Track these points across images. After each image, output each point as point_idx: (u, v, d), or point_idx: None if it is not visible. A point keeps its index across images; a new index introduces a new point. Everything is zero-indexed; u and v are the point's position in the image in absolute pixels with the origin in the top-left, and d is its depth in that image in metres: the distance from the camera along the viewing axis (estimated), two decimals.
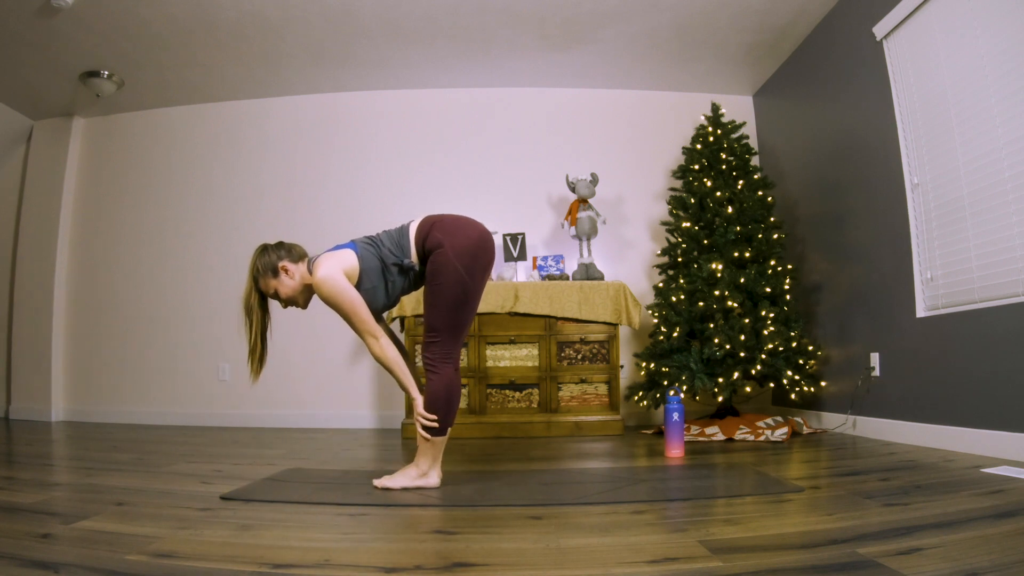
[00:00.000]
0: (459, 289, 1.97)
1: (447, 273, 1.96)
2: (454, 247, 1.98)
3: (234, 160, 4.68)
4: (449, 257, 1.96)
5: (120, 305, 4.64)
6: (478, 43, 4.03)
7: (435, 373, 2.01)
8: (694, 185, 3.76)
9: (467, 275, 1.98)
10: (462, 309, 2.01)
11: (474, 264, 2.00)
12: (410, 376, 2.08)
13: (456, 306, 1.99)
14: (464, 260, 1.98)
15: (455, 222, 2.05)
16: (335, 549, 1.39)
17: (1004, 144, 2.42)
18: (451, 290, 1.97)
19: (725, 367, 3.37)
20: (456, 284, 1.97)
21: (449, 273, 1.96)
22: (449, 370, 2.02)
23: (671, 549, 1.34)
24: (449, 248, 1.97)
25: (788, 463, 2.51)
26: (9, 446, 3.18)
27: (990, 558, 1.19)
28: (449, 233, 2.00)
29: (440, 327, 2.01)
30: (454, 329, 2.02)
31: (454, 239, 1.99)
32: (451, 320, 2.00)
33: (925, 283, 2.89)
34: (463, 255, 1.98)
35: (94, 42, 3.81)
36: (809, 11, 3.63)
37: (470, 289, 2.00)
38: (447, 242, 1.98)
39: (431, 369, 2.02)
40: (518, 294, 3.73)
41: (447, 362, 2.02)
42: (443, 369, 2.01)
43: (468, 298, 2.01)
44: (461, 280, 1.97)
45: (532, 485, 2.13)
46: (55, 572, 1.20)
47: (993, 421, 2.42)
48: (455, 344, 2.04)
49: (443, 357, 2.02)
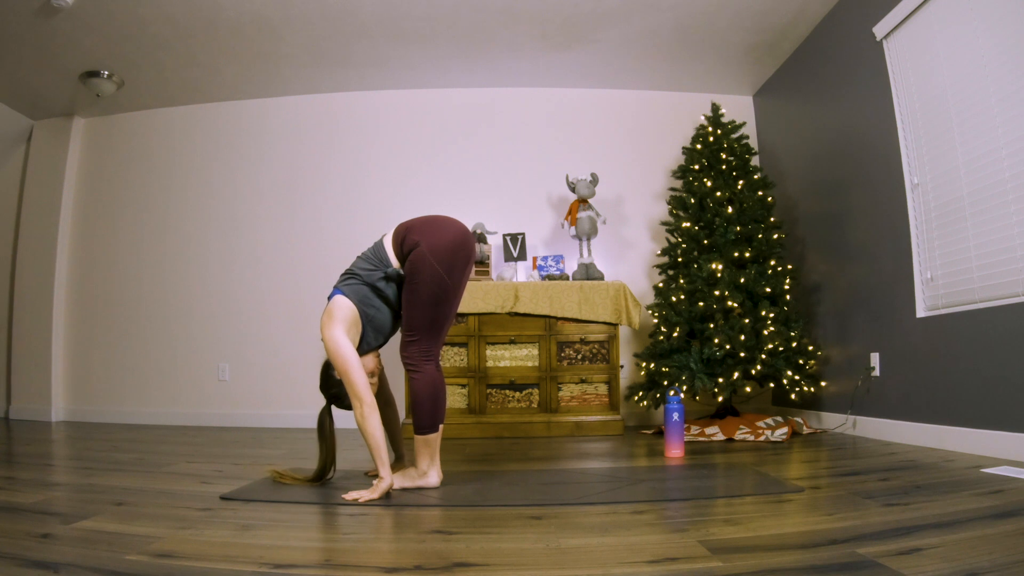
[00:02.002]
0: (436, 286, 1.98)
1: (424, 271, 1.97)
2: (431, 245, 1.99)
3: (234, 160, 4.68)
4: (425, 254, 1.97)
5: (120, 305, 4.64)
6: (478, 43, 4.03)
7: (417, 372, 2.02)
8: (694, 185, 3.76)
9: (445, 272, 1.98)
10: (440, 306, 2.01)
11: (452, 261, 2.01)
12: (383, 452, 1.94)
13: (434, 303, 2.00)
14: (441, 257, 1.98)
15: (431, 222, 2.07)
16: (335, 549, 1.39)
17: (1004, 144, 2.42)
18: (428, 288, 1.98)
19: (725, 367, 3.37)
20: (432, 281, 1.98)
21: (426, 270, 1.97)
22: (431, 368, 2.03)
23: (671, 549, 1.34)
24: (426, 246, 1.98)
25: (788, 463, 2.51)
26: (9, 446, 3.18)
27: (990, 558, 1.19)
28: (425, 232, 2.02)
29: (418, 325, 2.01)
30: (432, 327, 2.02)
31: (431, 237, 2.00)
32: (429, 317, 2.01)
33: (925, 283, 2.88)
34: (440, 252, 1.99)
35: (94, 42, 3.81)
36: (809, 11, 3.63)
37: (448, 286, 2.00)
38: (423, 240, 1.99)
39: (412, 368, 2.03)
40: (518, 294, 3.73)
41: (428, 360, 2.03)
42: (424, 367, 2.02)
43: (446, 296, 2.01)
44: (438, 277, 1.98)
45: (532, 485, 2.13)
46: (55, 572, 1.20)
47: (993, 421, 2.42)
48: (434, 342, 2.05)
49: (423, 355, 2.03)
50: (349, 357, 1.93)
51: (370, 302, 2.04)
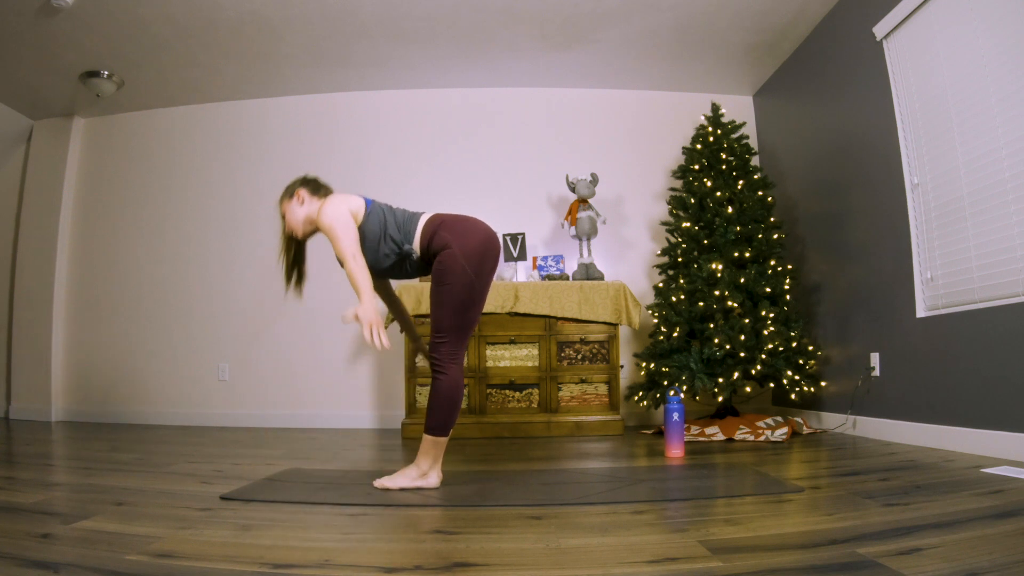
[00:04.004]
0: (467, 290, 1.99)
1: (455, 274, 1.97)
2: (463, 248, 1.99)
3: (234, 160, 4.68)
4: (457, 258, 1.97)
5: (120, 305, 4.64)
6: (478, 43, 4.03)
7: (443, 373, 2.02)
8: (694, 185, 3.76)
9: (475, 276, 1.99)
10: (469, 310, 2.02)
11: (482, 265, 2.01)
12: (367, 286, 1.94)
13: (464, 307, 2.01)
14: (472, 261, 1.99)
15: (463, 223, 2.06)
16: (335, 549, 1.39)
17: (1004, 144, 2.42)
18: (459, 291, 1.98)
19: (725, 367, 3.37)
20: (464, 285, 1.98)
21: (457, 274, 1.97)
22: (456, 370, 2.03)
23: (671, 549, 1.34)
24: (458, 249, 1.98)
25: (788, 463, 2.51)
26: (9, 446, 3.18)
27: (990, 558, 1.19)
28: (457, 234, 2.01)
29: (447, 327, 2.01)
30: (461, 330, 2.03)
31: (463, 240, 2.00)
32: (458, 321, 2.01)
33: (925, 283, 2.88)
34: (471, 256, 1.99)
35: (94, 42, 3.81)
36: (809, 11, 3.63)
37: (477, 290, 2.01)
38: (455, 243, 1.99)
39: (439, 369, 2.02)
40: (518, 294, 3.73)
41: (454, 362, 2.03)
42: (450, 369, 2.02)
43: (475, 299, 2.02)
44: (469, 281, 1.98)
45: (532, 485, 2.12)
46: (55, 572, 1.20)
47: (993, 421, 2.42)
48: (461, 344, 2.05)
49: (450, 357, 2.02)
50: (348, 223, 1.99)
51: (371, 239, 2.04)
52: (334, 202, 2.06)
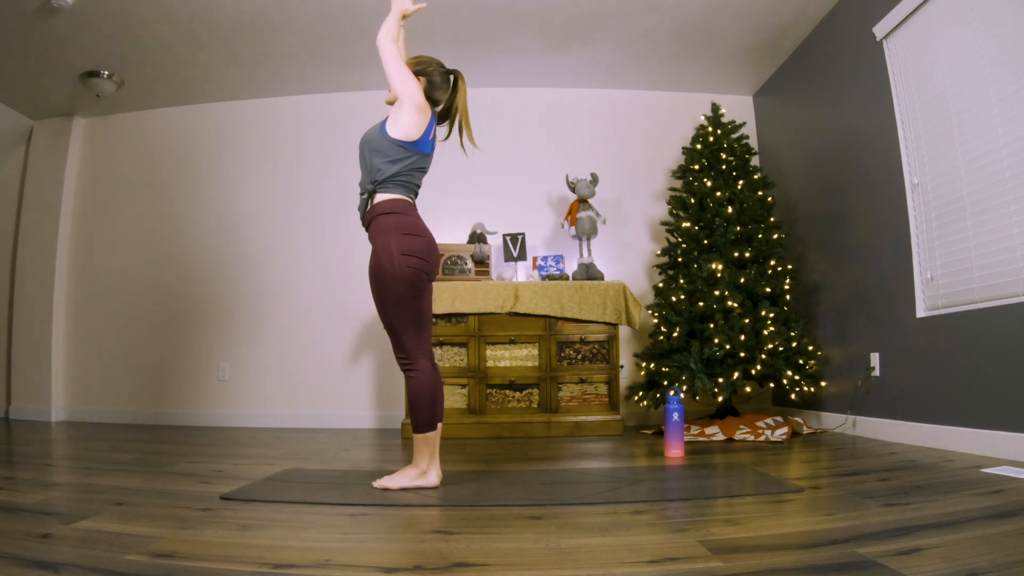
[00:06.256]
0: (405, 284, 2.00)
1: (389, 269, 1.99)
2: (386, 249, 2.01)
3: (234, 160, 4.68)
4: (392, 253, 2.00)
5: (120, 305, 4.64)
6: (478, 43, 4.03)
7: (415, 370, 2.04)
8: (694, 185, 3.76)
9: (409, 268, 2.01)
10: (416, 301, 2.04)
11: (419, 256, 2.04)
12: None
13: (408, 300, 2.02)
14: (410, 251, 2.02)
15: (400, 222, 2.08)
16: (335, 549, 1.39)
17: (1004, 144, 2.42)
18: (397, 286, 2.00)
19: (725, 367, 3.37)
20: (400, 279, 2.00)
21: (396, 268, 2.00)
22: (426, 365, 2.06)
23: (671, 549, 1.34)
24: (394, 248, 2.01)
25: (788, 463, 2.51)
26: (9, 446, 3.18)
27: (990, 558, 1.19)
28: (385, 232, 2.04)
29: (399, 326, 2.03)
30: (415, 324, 2.04)
31: (394, 240, 2.03)
32: (407, 315, 2.03)
33: (925, 283, 2.88)
34: (406, 251, 2.02)
35: (94, 42, 3.81)
36: (809, 11, 3.63)
37: (416, 281, 2.02)
38: (379, 244, 2.03)
39: (407, 368, 2.05)
40: (518, 294, 3.73)
41: (421, 356, 2.05)
42: (420, 365, 2.05)
43: (418, 291, 2.04)
44: (404, 274, 2.00)
45: (532, 485, 2.13)
46: (55, 572, 1.20)
47: (993, 421, 2.42)
48: (422, 339, 2.06)
49: (416, 353, 2.05)
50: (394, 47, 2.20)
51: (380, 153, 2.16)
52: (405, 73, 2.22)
